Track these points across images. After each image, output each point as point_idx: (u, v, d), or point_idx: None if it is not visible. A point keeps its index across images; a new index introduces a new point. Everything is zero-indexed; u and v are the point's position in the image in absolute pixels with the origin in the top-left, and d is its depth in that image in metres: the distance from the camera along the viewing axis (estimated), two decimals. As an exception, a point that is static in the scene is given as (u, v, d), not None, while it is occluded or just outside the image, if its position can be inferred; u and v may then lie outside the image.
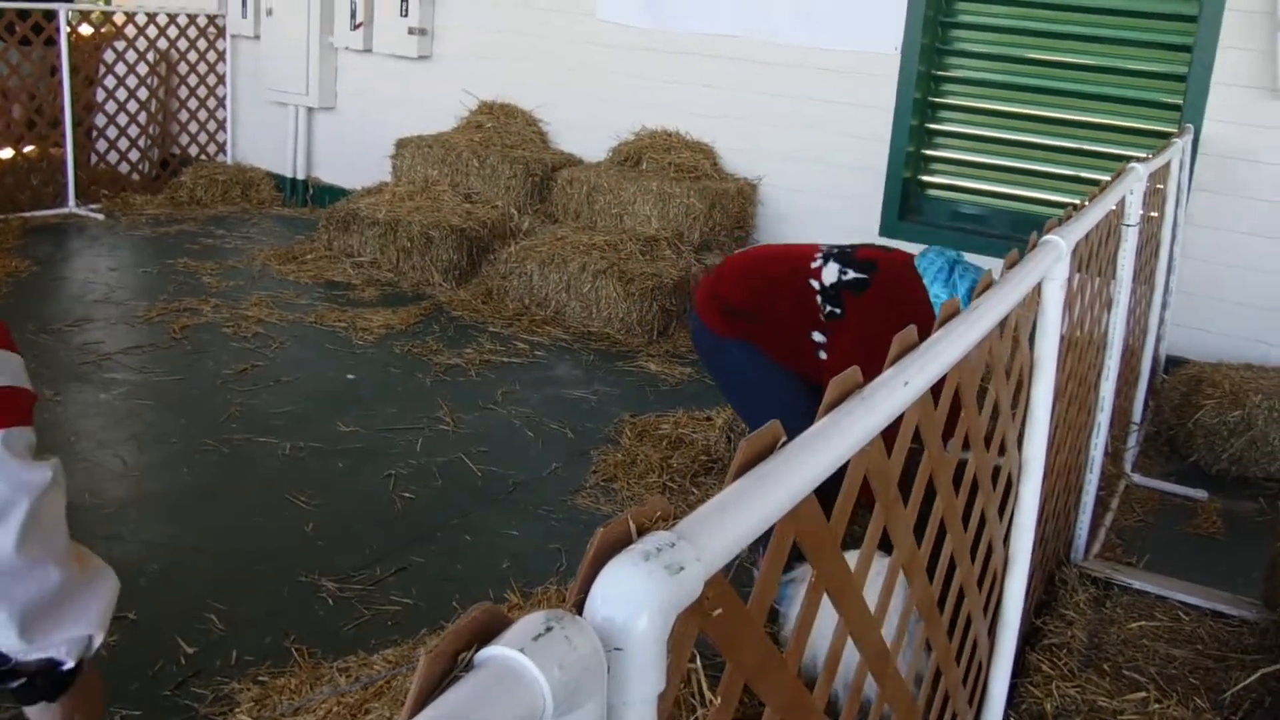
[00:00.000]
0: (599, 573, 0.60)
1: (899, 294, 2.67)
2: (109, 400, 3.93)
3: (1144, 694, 2.39)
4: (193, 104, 7.39)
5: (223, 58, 7.44)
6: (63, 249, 5.93)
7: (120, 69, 7.05)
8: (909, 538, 1.22)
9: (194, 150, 7.47)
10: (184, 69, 7.31)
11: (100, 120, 7.07)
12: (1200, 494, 3.74)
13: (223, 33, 7.39)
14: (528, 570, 2.99)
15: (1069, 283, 1.87)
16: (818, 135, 5.46)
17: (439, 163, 6.13)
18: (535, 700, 0.52)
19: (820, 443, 0.84)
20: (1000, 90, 5.19)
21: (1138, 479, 3.79)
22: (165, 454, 3.55)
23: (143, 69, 7.13)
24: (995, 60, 5.20)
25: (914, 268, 2.70)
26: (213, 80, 7.45)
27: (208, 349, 4.51)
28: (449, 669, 0.53)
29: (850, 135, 5.37)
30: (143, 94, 7.19)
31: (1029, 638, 2.58)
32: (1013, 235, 5.01)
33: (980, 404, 1.48)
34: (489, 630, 0.55)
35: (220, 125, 7.54)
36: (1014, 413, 1.71)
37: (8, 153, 6.55)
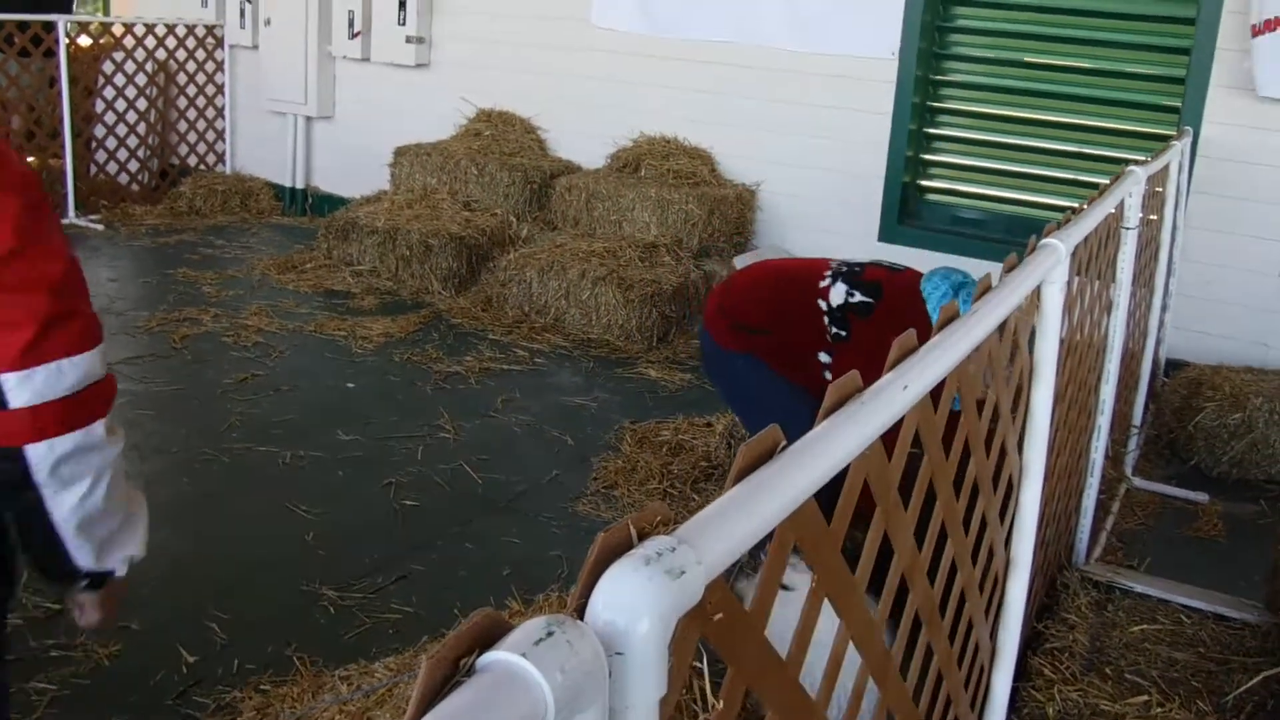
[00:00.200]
0: (600, 577, 0.60)
1: (902, 321, 2.67)
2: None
3: (1146, 697, 2.39)
4: (191, 114, 7.40)
5: (221, 68, 7.45)
6: (62, 259, 5.92)
7: (119, 80, 7.06)
8: (910, 542, 1.22)
9: (193, 160, 7.47)
10: (183, 79, 7.32)
11: (99, 131, 7.08)
12: (1201, 497, 3.74)
13: (221, 43, 7.40)
14: (529, 578, 2.98)
15: (1068, 286, 1.87)
16: (816, 141, 5.47)
17: (438, 171, 6.13)
18: (537, 704, 0.52)
19: (820, 446, 0.84)
20: (998, 94, 5.20)
21: (1138, 482, 3.78)
22: (166, 463, 3.55)
23: (141, 80, 7.14)
24: (993, 64, 5.20)
25: (919, 291, 2.70)
26: (211, 90, 7.46)
27: (208, 358, 4.51)
28: (451, 674, 0.53)
29: (849, 140, 5.38)
30: (142, 104, 7.20)
31: (1031, 642, 2.58)
32: (1012, 239, 5.00)
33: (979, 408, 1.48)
34: (490, 635, 0.55)
35: (219, 135, 7.55)
36: (1014, 416, 1.71)
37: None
